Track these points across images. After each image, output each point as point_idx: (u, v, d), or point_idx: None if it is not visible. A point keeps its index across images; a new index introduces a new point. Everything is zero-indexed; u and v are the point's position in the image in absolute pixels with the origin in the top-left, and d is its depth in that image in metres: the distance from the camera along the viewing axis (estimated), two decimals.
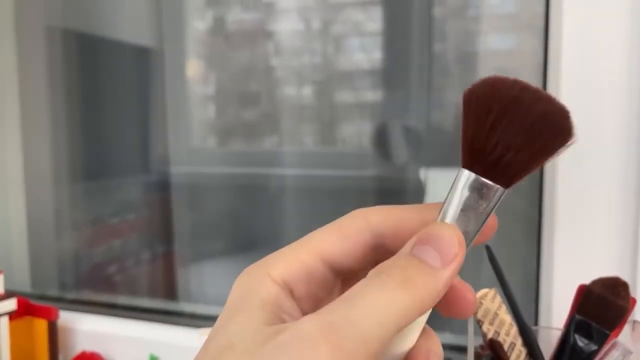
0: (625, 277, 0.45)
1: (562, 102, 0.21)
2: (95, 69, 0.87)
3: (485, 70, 0.73)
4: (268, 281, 0.21)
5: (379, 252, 0.22)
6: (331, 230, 0.22)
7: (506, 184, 0.21)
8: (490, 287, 0.39)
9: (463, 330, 0.40)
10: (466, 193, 0.21)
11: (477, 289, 0.39)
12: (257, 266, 0.22)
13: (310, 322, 0.18)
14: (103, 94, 0.88)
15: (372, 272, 0.20)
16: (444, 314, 0.22)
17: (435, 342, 0.22)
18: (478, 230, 0.21)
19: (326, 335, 0.18)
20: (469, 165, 0.21)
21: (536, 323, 0.50)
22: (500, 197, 0.21)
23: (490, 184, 0.21)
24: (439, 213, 0.22)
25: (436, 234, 0.20)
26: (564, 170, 0.47)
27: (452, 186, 0.22)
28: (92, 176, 0.89)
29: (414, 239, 0.20)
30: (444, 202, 0.22)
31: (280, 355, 0.18)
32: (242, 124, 0.87)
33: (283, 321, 0.20)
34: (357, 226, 0.22)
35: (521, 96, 0.21)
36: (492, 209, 0.21)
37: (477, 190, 0.21)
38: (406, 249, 0.20)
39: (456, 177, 0.22)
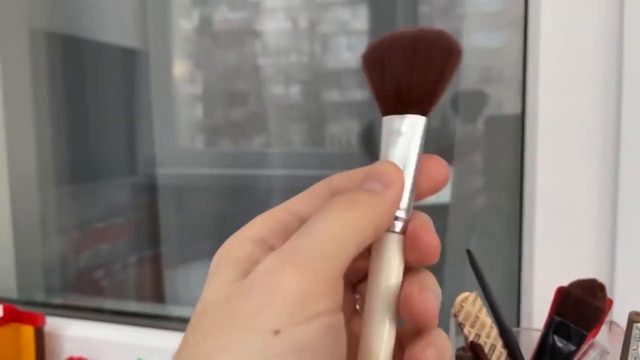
0: (603, 278, 0.47)
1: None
2: (81, 71, 0.87)
3: (472, 68, 0.74)
4: (243, 241, 0.22)
5: None
6: (300, 194, 0.24)
7: (419, 111, 0.23)
8: (472, 290, 0.40)
9: (446, 331, 0.41)
10: (390, 133, 0.23)
11: (460, 293, 0.40)
12: (235, 233, 0.23)
13: (271, 256, 0.19)
14: (89, 96, 0.88)
15: (321, 207, 0.21)
16: (410, 259, 0.23)
17: (430, 279, 0.23)
18: (417, 162, 0.23)
19: (289, 261, 0.19)
20: (382, 111, 0.24)
21: (518, 325, 0.52)
22: (419, 126, 0.23)
23: (403, 117, 0.23)
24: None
25: (375, 169, 0.22)
26: (543, 172, 0.48)
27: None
28: (78, 179, 0.89)
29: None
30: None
31: (248, 295, 0.18)
32: (230, 123, 0.87)
33: None
34: (322, 187, 0.24)
35: (399, 34, 0.23)
36: (419, 139, 0.23)
37: (397, 127, 0.23)
38: (353, 188, 0.23)
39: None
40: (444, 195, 0.69)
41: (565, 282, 0.40)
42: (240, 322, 0.18)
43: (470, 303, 0.38)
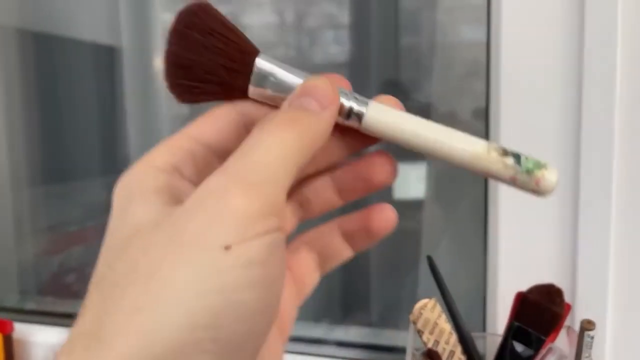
0: (566, 282, 0.48)
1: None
2: (55, 68, 0.88)
3: (458, 61, 0.74)
4: (154, 171, 0.21)
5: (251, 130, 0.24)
6: (201, 119, 0.24)
7: (253, 57, 0.23)
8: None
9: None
10: (269, 80, 0.23)
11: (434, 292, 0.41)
12: (136, 165, 0.22)
13: (215, 177, 0.19)
14: (63, 94, 0.88)
15: (257, 126, 0.21)
16: (371, 173, 0.24)
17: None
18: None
19: (236, 182, 0.19)
20: (245, 93, 0.23)
21: (484, 330, 0.53)
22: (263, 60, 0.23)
23: (254, 70, 0.23)
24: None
25: (309, 85, 0.22)
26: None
27: (273, 77, 0.23)
28: (53, 179, 0.90)
29: (290, 96, 0.22)
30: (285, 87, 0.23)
31: (194, 214, 0.18)
32: None
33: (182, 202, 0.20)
34: (226, 111, 0.24)
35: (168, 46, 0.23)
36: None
37: (264, 75, 0.23)
38: (285, 103, 0.22)
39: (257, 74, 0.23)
40: (417, 191, 0.70)
41: (528, 286, 0.41)
42: (188, 238, 0.18)
43: (430, 310, 0.40)
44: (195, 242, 0.18)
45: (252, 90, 0.23)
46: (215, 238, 0.18)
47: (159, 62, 0.89)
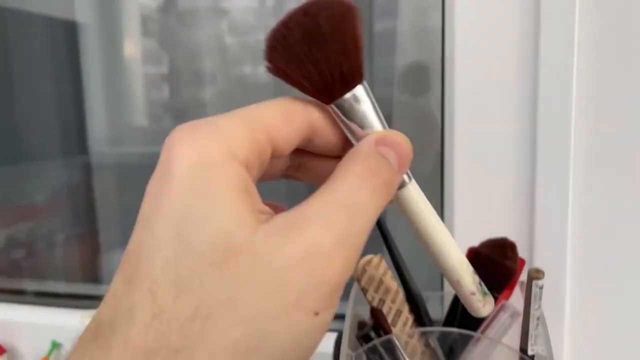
0: (523, 237, 0.45)
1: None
2: (9, 44, 0.85)
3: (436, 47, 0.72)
4: (237, 165, 0.20)
5: (304, 144, 0.23)
6: (279, 113, 0.22)
7: (358, 81, 0.23)
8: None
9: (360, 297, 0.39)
10: (350, 109, 0.23)
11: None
12: (212, 136, 0.20)
13: (323, 235, 0.19)
14: (19, 71, 0.86)
15: (359, 173, 0.21)
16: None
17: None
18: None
19: (339, 249, 0.19)
20: (325, 102, 0.23)
21: (442, 288, 0.51)
22: (364, 90, 0.23)
23: (351, 93, 0.23)
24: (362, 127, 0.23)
25: (397, 140, 0.22)
26: (461, 138, 0.47)
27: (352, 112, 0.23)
28: (6, 160, 0.87)
29: (372, 137, 0.22)
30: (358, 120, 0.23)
31: (297, 271, 0.19)
32: (197, 104, 0.85)
33: (261, 212, 0.20)
34: (301, 117, 0.22)
35: (286, 27, 0.23)
36: (371, 101, 0.24)
37: (349, 104, 0.23)
38: (370, 147, 0.22)
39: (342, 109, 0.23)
40: None
41: None
42: (291, 298, 0.19)
43: (374, 267, 0.37)
44: (297, 304, 0.19)
45: (337, 103, 0.23)
46: (313, 304, 0.19)
47: (128, 43, 0.87)
